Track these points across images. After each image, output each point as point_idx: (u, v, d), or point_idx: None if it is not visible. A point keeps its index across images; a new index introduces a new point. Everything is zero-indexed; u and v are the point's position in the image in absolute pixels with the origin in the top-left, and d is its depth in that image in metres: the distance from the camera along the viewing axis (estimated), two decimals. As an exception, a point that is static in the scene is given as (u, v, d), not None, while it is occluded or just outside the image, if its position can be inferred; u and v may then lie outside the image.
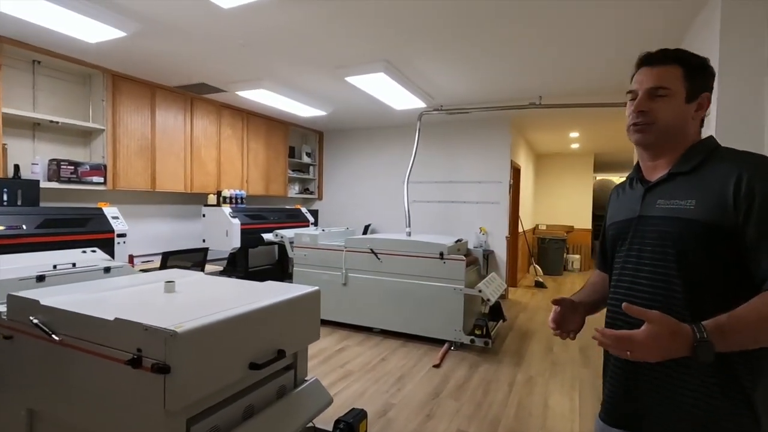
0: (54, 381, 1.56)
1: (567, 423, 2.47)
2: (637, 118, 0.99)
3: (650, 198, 1.00)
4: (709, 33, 2.24)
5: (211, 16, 2.66)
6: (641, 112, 0.98)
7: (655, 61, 0.99)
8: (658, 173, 1.01)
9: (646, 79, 0.98)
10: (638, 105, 0.99)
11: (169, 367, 1.26)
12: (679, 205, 0.92)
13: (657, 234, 0.95)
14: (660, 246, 0.94)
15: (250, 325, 1.55)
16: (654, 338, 0.78)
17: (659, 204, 0.97)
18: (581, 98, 4.32)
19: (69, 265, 2.18)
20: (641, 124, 0.98)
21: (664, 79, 0.97)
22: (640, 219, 1.00)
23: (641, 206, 1.01)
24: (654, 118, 0.97)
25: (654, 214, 0.97)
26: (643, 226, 0.99)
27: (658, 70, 0.98)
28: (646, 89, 0.98)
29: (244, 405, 1.62)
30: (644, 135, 0.99)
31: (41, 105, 3.53)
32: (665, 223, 0.93)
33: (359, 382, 2.94)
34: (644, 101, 0.98)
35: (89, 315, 1.44)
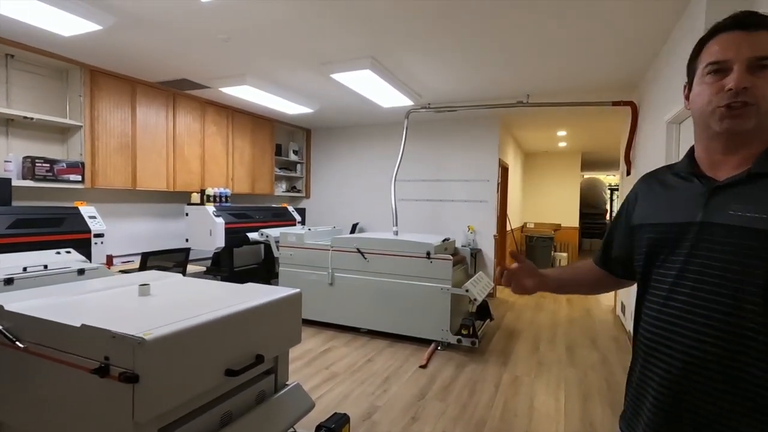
0: (19, 390, 1.49)
1: (552, 424, 2.46)
2: (735, 97, 0.76)
3: (719, 201, 0.79)
4: (692, 41, 2.24)
5: (190, 10, 2.58)
6: (744, 89, 0.75)
7: (754, 25, 0.76)
8: (725, 171, 0.82)
9: (745, 46, 0.76)
10: (740, 80, 0.75)
11: (138, 376, 1.20)
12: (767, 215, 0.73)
13: (734, 248, 0.75)
14: (738, 264, 0.74)
15: (226, 329, 1.49)
16: None
17: (734, 210, 0.77)
18: (568, 97, 4.33)
19: (40, 267, 2.10)
20: (740, 105, 0.76)
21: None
22: (705, 226, 0.79)
23: (704, 209, 0.80)
24: (757, 96, 0.75)
25: (728, 222, 0.77)
26: (710, 235, 0.78)
27: (759, 35, 0.76)
28: (746, 59, 0.75)
29: (221, 412, 1.57)
30: (742, 120, 0.77)
31: (15, 100, 3.41)
32: (747, 236, 0.74)
33: (345, 383, 2.90)
34: (745, 75, 0.75)
35: (55, 321, 1.37)
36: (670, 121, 2.75)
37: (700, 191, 0.83)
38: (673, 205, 0.87)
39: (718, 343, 0.74)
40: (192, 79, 4.04)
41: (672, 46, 2.79)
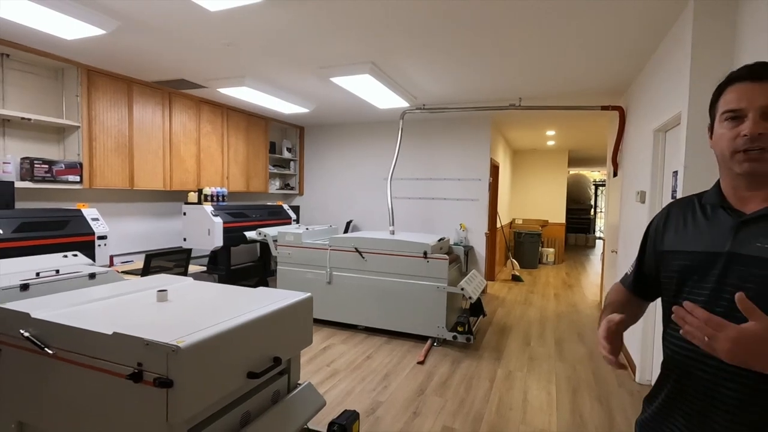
0: (45, 394, 1.55)
1: (545, 416, 2.61)
2: (752, 143, 0.83)
3: (746, 234, 0.85)
4: (681, 48, 2.37)
5: (197, 18, 2.61)
6: (759, 135, 0.82)
7: (765, 76, 0.85)
8: (753, 205, 0.88)
9: (758, 96, 0.83)
10: (754, 127, 0.82)
11: (172, 382, 1.28)
12: None
13: (764, 280, 0.80)
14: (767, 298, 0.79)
15: (248, 334, 1.57)
16: (750, 336, 0.71)
17: (763, 243, 0.82)
18: (559, 101, 4.46)
19: (52, 271, 2.14)
20: (757, 149, 0.83)
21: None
22: (733, 256, 0.85)
23: (733, 241, 0.86)
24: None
25: (756, 254, 0.82)
26: (738, 265, 0.84)
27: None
28: (760, 107, 0.83)
29: (241, 412, 1.65)
30: (760, 164, 0.84)
31: (11, 101, 3.38)
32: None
33: (346, 380, 3.00)
34: (760, 122, 0.82)
35: (85, 329, 1.43)
36: (657, 129, 2.89)
37: (729, 223, 0.88)
38: (703, 235, 0.92)
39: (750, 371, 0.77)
40: (189, 80, 4.04)
41: (660, 57, 2.92)
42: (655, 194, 2.96)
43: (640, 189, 3.18)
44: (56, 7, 2.37)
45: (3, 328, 1.62)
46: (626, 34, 2.77)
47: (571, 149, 8.88)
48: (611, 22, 2.60)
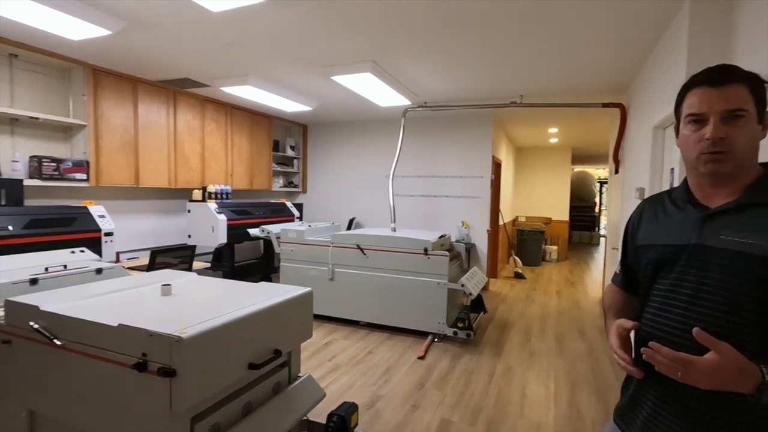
0: (54, 383, 1.60)
1: (543, 410, 2.64)
2: (714, 146, 0.88)
3: (712, 227, 0.90)
4: (676, 53, 2.38)
5: (200, 18, 2.66)
6: (720, 139, 0.87)
7: (723, 81, 0.89)
8: (718, 200, 0.93)
9: (717, 101, 0.88)
10: (715, 131, 0.87)
11: (175, 371, 1.33)
12: (755, 241, 0.83)
13: (727, 270, 0.85)
14: (730, 284, 0.85)
15: (249, 327, 1.62)
16: (717, 369, 0.76)
17: (726, 235, 0.87)
18: (560, 98, 4.47)
19: (60, 267, 2.20)
20: (718, 152, 0.88)
21: (738, 101, 0.87)
22: (698, 248, 0.90)
23: (699, 234, 0.91)
24: (732, 145, 0.87)
25: (719, 245, 0.87)
26: (702, 256, 0.89)
27: (728, 90, 0.88)
28: (719, 112, 0.87)
29: (243, 402, 1.70)
30: (721, 165, 0.89)
31: (19, 100, 3.45)
32: (738, 259, 0.84)
33: (347, 375, 3.05)
34: (720, 126, 0.87)
35: (92, 321, 1.49)
36: (656, 126, 2.91)
37: (696, 217, 0.94)
38: (671, 229, 0.98)
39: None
40: (194, 79, 4.10)
41: (659, 54, 2.94)
42: (653, 191, 2.98)
43: (639, 186, 3.19)
44: (63, 9, 2.43)
45: (14, 321, 1.68)
46: (626, 31, 2.78)
47: (574, 147, 8.86)
48: (611, 20, 2.62)
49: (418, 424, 2.42)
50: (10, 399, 1.74)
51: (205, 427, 1.53)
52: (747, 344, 0.82)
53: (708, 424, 0.87)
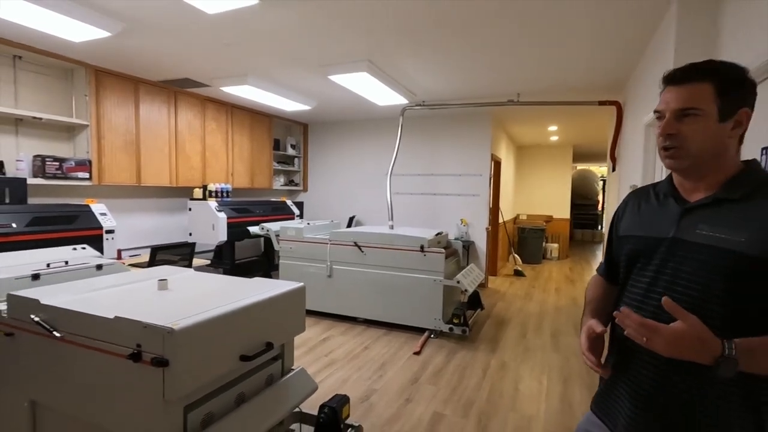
0: (55, 374, 1.67)
1: (535, 404, 2.68)
2: (665, 141, 0.94)
3: (689, 221, 0.94)
4: (667, 44, 2.41)
5: (197, 20, 2.72)
6: (669, 135, 0.92)
7: (682, 79, 0.93)
8: (698, 194, 0.96)
9: (673, 99, 0.92)
10: (665, 128, 0.93)
11: (168, 361, 1.38)
12: (727, 236, 0.86)
13: (699, 263, 0.89)
14: (702, 277, 0.88)
15: (241, 320, 1.68)
16: (679, 336, 0.79)
17: (701, 230, 0.90)
18: (557, 96, 4.49)
19: (62, 263, 2.27)
20: (670, 148, 0.93)
21: (692, 99, 0.90)
22: (675, 241, 0.94)
23: (676, 227, 0.95)
24: (683, 141, 0.91)
25: (695, 240, 0.91)
26: (679, 250, 0.93)
27: (685, 88, 0.92)
28: (672, 110, 0.92)
29: (236, 393, 1.76)
30: (676, 161, 0.94)
31: (23, 100, 3.53)
32: (710, 254, 0.88)
33: (343, 369, 3.11)
34: (671, 123, 0.92)
35: (90, 313, 1.55)
36: (648, 123, 2.93)
37: (675, 211, 0.97)
38: (652, 221, 1.02)
39: None
40: (194, 79, 4.16)
41: (652, 52, 2.96)
42: (646, 188, 2.99)
43: (633, 183, 3.22)
44: (63, 11, 2.49)
45: (15, 314, 1.74)
46: (620, 29, 2.81)
47: (575, 144, 8.86)
48: (604, 19, 2.64)
49: (411, 417, 2.47)
50: (12, 390, 1.81)
51: (199, 416, 1.58)
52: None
53: (671, 417, 0.91)
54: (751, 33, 1.73)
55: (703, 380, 0.87)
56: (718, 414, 0.87)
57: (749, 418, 0.86)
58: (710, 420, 0.88)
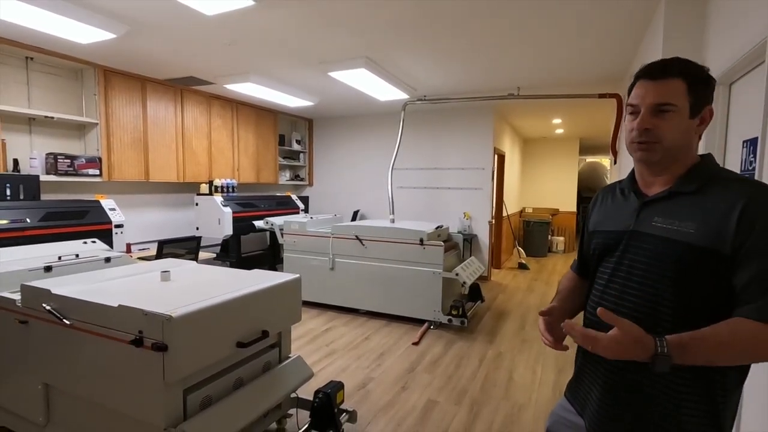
0: (65, 359, 1.79)
1: (527, 393, 2.75)
2: (641, 136, 0.95)
3: (646, 214, 0.98)
4: (656, 37, 2.43)
5: (197, 21, 2.80)
6: (646, 130, 0.94)
7: (658, 75, 0.94)
8: (656, 188, 1.00)
9: (649, 94, 0.94)
10: (642, 122, 0.94)
11: (167, 346, 1.49)
12: (678, 227, 0.91)
13: (652, 253, 0.94)
14: (654, 266, 0.94)
15: (237, 309, 1.78)
16: (616, 342, 0.83)
17: (656, 222, 0.95)
18: (558, 89, 4.50)
19: (72, 256, 2.39)
20: (645, 142, 0.95)
21: (669, 95, 0.92)
22: (634, 234, 0.99)
23: (636, 221, 1.00)
24: (659, 136, 0.93)
25: (649, 231, 0.96)
26: (636, 242, 0.98)
27: (662, 84, 0.93)
28: (649, 105, 0.94)
29: (234, 378, 1.87)
30: (649, 154, 0.96)
31: (36, 100, 3.67)
32: (662, 244, 0.93)
33: (342, 359, 3.21)
34: (648, 118, 0.94)
35: (96, 302, 1.66)
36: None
37: (635, 205, 1.02)
38: (615, 216, 1.07)
39: (643, 325, 0.88)
40: (198, 77, 4.26)
41: (645, 46, 2.97)
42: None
43: (629, 176, 3.24)
44: (70, 15, 2.59)
45: (29, 303, 1.87)
46: (615, 24, 2.82)
47: (582, 137, 8.80)
48: (599, 13, 2.66)
49: (405, 404, 2.57)
50: (27, 374, 1.94)
51: (198, 398, 1.69)
52: (665, 328, 0.90)
53: (629, 400, 0.98)
54: (736, 25, 1.75)
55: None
56: (666, 396, 0.93)
57: (702, 403, 0.91)
58: (660, 400, 0.94)
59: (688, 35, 2.17)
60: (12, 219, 2.79)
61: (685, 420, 0.92)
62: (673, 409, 0.93)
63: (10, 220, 2.78)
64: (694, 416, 0.92)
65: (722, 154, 1.92)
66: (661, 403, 0.94)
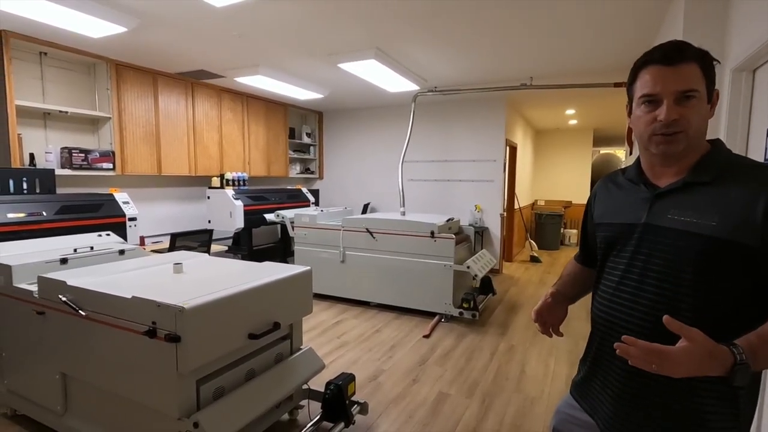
0: (81, 349, 1.82)
1: (539, 386, 2.73)
2: (668, 128, 0.88)
3: (660, 206, 0.92)
4: (676, 24, 2.35)
5: (206, 13, 2.80)
6: (674, 120, 0.87)
7: (676, 59, 0.87)
8: (666, 179, 0.94)
9: (671, 81, 0.87)
10: (669, 113, 0.86)
11: (180, 337, 1.50)
12: (697, 220, 0.85)
13: (671, 248, 0.88)
14: (673, 262, 0.88)
15: (249, 301, 1.79)
16: (690, 356, 0.74)
17: (672, 215, 0.89)
18: (572, 79, 4.41)
19: (87, 248, 2.43)
20: (672, 133, 0.88)
21: (691, 81, 0.86)
22: (648, 227, 0.93)
23: (648, 213, 0.94)
24: (686, 125, 0.87)
25: (666, 225, 0.90)
26: (651, 236, 0.92)
27: (681, 69, 0.87)
28: (673, 92, 0.87)
29: (246, 369, 1.88)
30: (674, 145, 0.89)
31: (50, 95, 3.71)
32: (681, 238, 0.87)
33: (353, 351, 3.22)
34: (674, 107, 0.87)
35: (110, 294, 1.68)
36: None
37: (645, 196, 0.96)
38: (622, 207, 1.01)
39: (660, 326, 0.84)
40: (208, 70, 4.27)
41: (663, 34, 2.88)
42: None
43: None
44: (81, 8, 2.61)
45: (46, 295, 1.90)
46: (633, 9, 2.74)
47: (596, 128, 8.64)
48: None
49: (416, 396, 2.56)
50: (45, 363, 1.98)
51: (210, 389, 1.71)
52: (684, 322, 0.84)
53: (646, 405, 0.93)
54: (761, 8, 1.68)
55: None
56: (689, 399, 0.88)
57: (724, 404, 0.86)
58: (681, 406, 0.88)
59: (709, 20, 2.09)
60: (29, 212, 2.84)
61: (708, 418, 0.87)
62: (696, 413, 0.88)
63: (27, 213, 2.83)
64: (716, 415, 0.87)
65: (745, 142, 1.86)
66: (683, 404, 0.88)
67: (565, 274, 1.24)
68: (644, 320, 0.92)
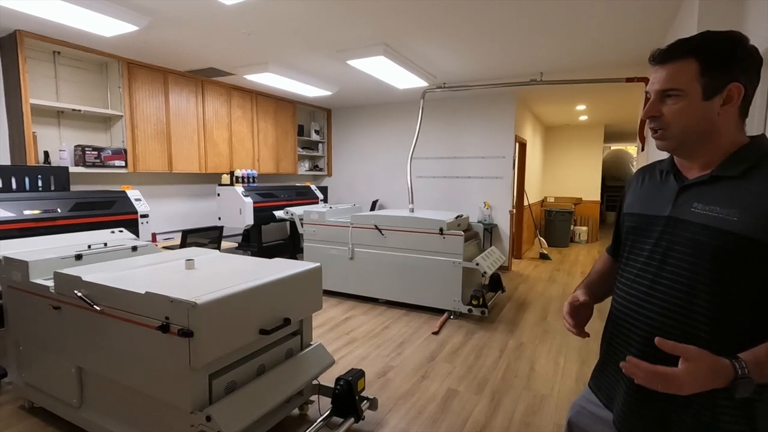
0: (96, 343, 1.85)
1: (549, 384, 2.72)
2: (650, 124, 0.93)
3: (685, 198, 0.92)
4: (690, 18, 2.31)
5: (216, 11, 2.81)
6: (652, 117, 0.92)
7: (665, 58, 0.90)
8: (695, 172, 0.94)
9: (656, 80, 0.91)
10: (648, 110, 0.92)
11: (192, 332, 1.52)
12: (720, 214, 0.84)
13: (690, 242, 0.87)
14: (691, 256, 0.87)
15: (259, 296, 1.80)
16: (693, 376, 0.75)
17: (696, 208, 0.88)
18: (583, 74, 4.36)
19: (101, 244, 2.47)
20: (655, 130, 0.93)
21: (673, 80, 0.88)
22: (671, 220, 0.92)
23: (673, 206, 0.93)
24: (666, 123, 0.91)
25: (688, 218, 0.89)
26: (673, 228, 0.91)
27: (667, 69, 0.89)
28: (655, 92, 0.91)
29: (257, 364, 1.90)
30: (663, 142, 0.93)
31: (63, 94, 3.76)
32: (701, 232, 0.86)
33: (362, 347, 3.23)
34: (654, 105, 0.91)
35: (125, 289, 1.70)
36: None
37: (673, 189, 0.95)
38: (651, 198, 1.01)
39: (676, 317, 0.88)
40: (218, 68, 4.30)
41: (676, 28, 2.83)
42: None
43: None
44: (93, 8, 2.64)
45: (61, 290, 1.93)
46: (645, 3, 2.70)
47: (607, 124, 8.54)
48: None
49: (425, 393, 2.57)
50: (61, 357, 2.01)
51: (223, 383, 1.73)
52: (700, 323, 0.85)
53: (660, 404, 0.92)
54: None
55: None
56: (703, 398, 0.85)
57: (738, 412, 0.84)
58: (696, 403, 0.87)
59: (726, 11, 2.05)
60: (44, 209, 2.89)
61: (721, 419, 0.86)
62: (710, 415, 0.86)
63: (42, 210, 2.88)
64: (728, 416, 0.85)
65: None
66: (697, 402, 0.87)
67: (593, 271, 1.23)
68: (658, 314, 0.91)
